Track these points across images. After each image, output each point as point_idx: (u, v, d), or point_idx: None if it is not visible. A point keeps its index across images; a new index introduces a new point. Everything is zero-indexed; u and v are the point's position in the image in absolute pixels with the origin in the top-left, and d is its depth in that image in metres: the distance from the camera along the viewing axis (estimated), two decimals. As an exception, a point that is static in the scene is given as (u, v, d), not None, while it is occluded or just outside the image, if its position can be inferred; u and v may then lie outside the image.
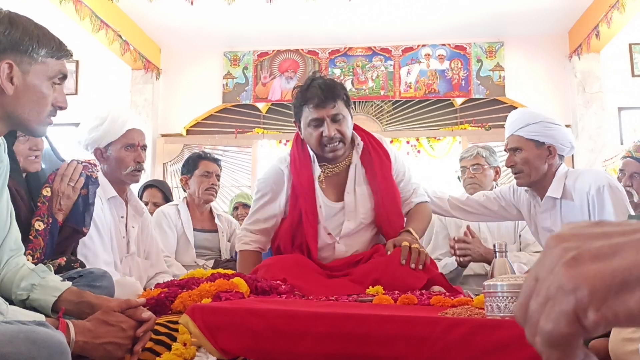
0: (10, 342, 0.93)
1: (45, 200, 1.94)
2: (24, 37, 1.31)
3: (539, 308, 0.40)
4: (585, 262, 0.38)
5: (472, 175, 2.94)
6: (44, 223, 1.88)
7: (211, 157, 3.35)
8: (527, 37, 5.97)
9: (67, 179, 2.01)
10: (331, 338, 1.23)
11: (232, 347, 1.29)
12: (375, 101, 6.13)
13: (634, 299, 0.36)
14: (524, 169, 2.29)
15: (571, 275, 0.38)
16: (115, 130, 2.31)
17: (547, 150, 2.28)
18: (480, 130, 5.96)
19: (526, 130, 2.29)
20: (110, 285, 1.80)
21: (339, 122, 2.19)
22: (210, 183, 3.22)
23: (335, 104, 2.19)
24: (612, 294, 0.37)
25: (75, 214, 2.01)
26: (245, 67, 6.30)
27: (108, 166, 2.34)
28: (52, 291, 1.42)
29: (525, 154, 2.29)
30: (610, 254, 0.38)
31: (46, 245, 1.86)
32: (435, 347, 1.17)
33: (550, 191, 2.28)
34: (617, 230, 0.40)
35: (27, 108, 1.34)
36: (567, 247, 0.40)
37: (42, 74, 1.35)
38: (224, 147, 6.22)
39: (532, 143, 2.29)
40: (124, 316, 1.30)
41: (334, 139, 2.19)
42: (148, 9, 5.27)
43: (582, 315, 0.38)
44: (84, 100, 6.18)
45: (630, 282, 0.36)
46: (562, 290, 0.38)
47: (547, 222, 2.32)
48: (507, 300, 1.20)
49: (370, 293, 1.81)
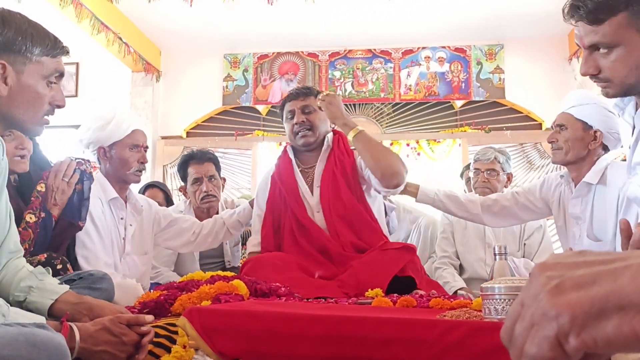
0: (10, 345, 0.93)
1: (39, 195, 1.96)
2: (17, 36, 1.29)
3: (523, 332, 0.42)
4: (567, 290, 0.41)
5: (485, 179, 2.92)
6: (35, 216, 1.91)
7: (199, 156, 3.02)
8: (527, 39, 5.98)
9: (62, 175, 2.03)
10: (328, 341, 1.23)
11: (230, 349, 1.30)
12: (375, 103, 6.14)
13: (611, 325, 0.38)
14: (564, 147, 2.26)
15: (554, 303, 0.41)
16: (121, 130, 2.34)
17: (593, 135, 2.24)
18: (480, 132, 5.96)
19: (578, 109, 2.26)
20: (110, 287, 1.81)
21: (308, 113, 2.53)
22: (204, 191, 2.94)
23: (305, 98, 2.56)
24: (591, 320, 0.39)
25: (71, 208, 2.03)
26: (246, 70, 6.31)
27: (111, 165, 2.35)
28: (49, 294, 1.41)
29: (569, 132, 2.26)
30: (590, 282, 0.40)
31: (36, 237, 1.88)
32: (432, 350, 1.18)
33: (587, 177, 2.24)
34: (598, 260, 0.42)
35: (22, 108, 1.32)
36: (551, 276, 0.42)
37: (37, 73, 1.33)
38: (224, 149, 6.23)
39: (580, 124, 2.25)
40: (128, 330, 1.26)
41: (303, 126, 2.51)
42: (148, 11, 5.27)
43: (563, 340, 0.40)
44: (84, 103, 6.19)
45: (607, 309, 0.39)
46: (545, 317, 0.41)
47: (577, 209, 2.28)
48: (505, 302, 1.20)
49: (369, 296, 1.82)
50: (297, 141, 2.54)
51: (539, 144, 5.88)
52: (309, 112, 2.53)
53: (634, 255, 0.41)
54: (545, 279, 0.42)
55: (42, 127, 1.40)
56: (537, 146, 5.90)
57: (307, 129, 2.51)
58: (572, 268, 0.42)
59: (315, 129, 2.52)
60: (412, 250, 2.30)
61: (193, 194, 2.98)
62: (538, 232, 2.93)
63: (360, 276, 2.04)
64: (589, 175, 2.23)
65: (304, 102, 2.54)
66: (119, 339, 1.24)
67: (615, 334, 0.38)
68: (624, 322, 0.38)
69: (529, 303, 0.43)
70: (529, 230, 2.93)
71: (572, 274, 0.42)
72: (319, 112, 2.53)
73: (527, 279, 0.50)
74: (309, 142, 2.52)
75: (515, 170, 5.74)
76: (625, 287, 0.38)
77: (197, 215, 3.01)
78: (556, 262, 0.44)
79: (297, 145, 2.57)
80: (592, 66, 1.46)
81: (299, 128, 2.51)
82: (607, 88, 1.48)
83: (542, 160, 5.83)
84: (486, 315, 1.24)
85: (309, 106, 2.53)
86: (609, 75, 1.45)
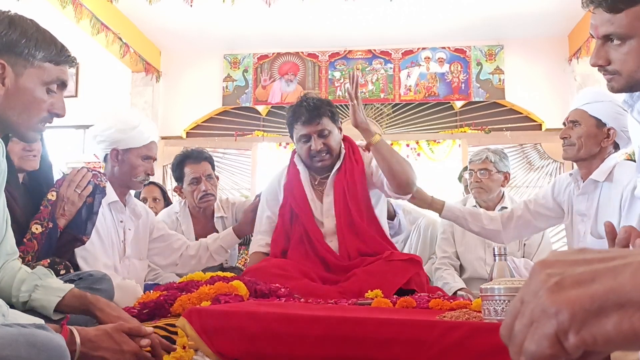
0: (10, 345, 0.93)
1: (48, 204, 1.92)
2: (21, 38, 1.29)
3: (523, 329, 0.42)
4: (566, 287, 0.41)
5: (478, 179, 2.92)
6: (42, 227, 1.86)
7: (195, 155, 3.00)
8: (526, 40, 5.98)
9: (75, 185, 2.00)
10: (328, 341, 1.23)
11: (229, 350, 1.30)
12: (375, 104, 6.14)
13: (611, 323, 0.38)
14: (576, 143, 2.24)
15: (553, 300, 0.41)
16: (142, 139, 2.35)
17: (607, 132, 2.22)
18: (480, 133, 5.96)
19: (593, 106, 2.24)
20: (110, 288, 1.80)
21: (325, 136, 2.45)
22: (202, 190, 2.91)
23: (320, 121, 2.44)
24: (591, 318, 0.39)
25: (78, 221, 1.99)
26: (245, 70, 6.31)
27: (119, 169, 2.35)
28: (56, 292, 1.42)
29: (583, 129, 2.23)
30: (590, 280, 0.40)
31: (41, 249, 1.84)
32: (432, 351, 1.18)
33: (594, 174, 2.23)
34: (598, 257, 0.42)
35: (16, 111, 1.31)
36: (551, 273, 0.42)
37: (37, 77, 1.33)
38: (224, 149, 6.23)
39: (594, 121, 2.23)
40: (129, 339, 1.25)
41: (321, 152, 2.45)
42: (148, 12, 5.27)
43: (563, 337, 0.40)
44: (84, 103, 6.19)
45: (607, 306, 0.39)
46: (545, 314, 0.41)
47: (582, 206, 2.28)
48: (504, 303, 1.20)
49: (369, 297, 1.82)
50: (314, 163, 2.50)
51: (538, 145, 5.89)
52: (325, 135, 2.45)
53: (634, 253, 0.41)
54: (545, 276, 0.42)
55: (36, 133, 1.38)
56: (537, 147, 5.91)
57: (325, 153, 2.46)
58: (572, 265, 0.42)
59: (332, 151, 2.47)
60: (417, 263, 2.30)
61: (191, 193, 2.95)
62: (538, 233, 2.93)
63: (363, 285, 2.04)
64: (596, 173, 2.23)
65: (320, 127, 2.44)
66: (119, 346, 1.23)
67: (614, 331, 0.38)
68: (624, 319, 0.38)
69: (528, 300, 0.43)
70: (529, 231, 2.94)
71: (572, 272, 0.42)
72: (334, 131, 2.47)
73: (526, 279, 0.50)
74: (327, 165, 2.50)
75: (515, 171, 5.74)
76: (625, 284, 0.39)
77: (193, 215, 3.01)
78: (556, 260, 0.44)
79: (310, 164, 2.53)
80: (602, 57, 1.44)
81: (318, 154, 2.46)
82: (612, 81, 1.46)
83: (542, 161, 5.83)
84: (486, 316, 1.24)
85: (324, 130, 2.45)
86: (617, 68, 1.43)
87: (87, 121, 6.26)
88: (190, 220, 3.02)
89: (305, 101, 2.48)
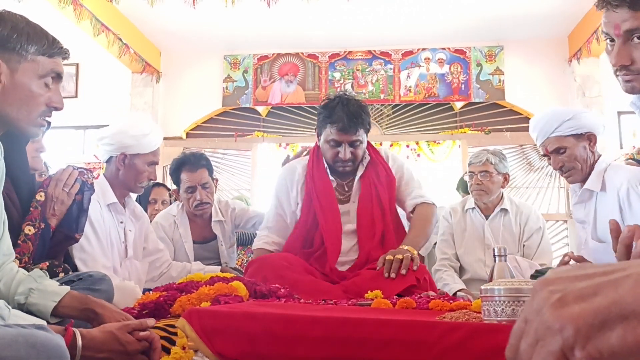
0: (10, 346, 0.93)
1: (38, 205, 1.91)
2: (12, 33, 1.29)
3: (528, 349, 0.42)
4: (569, 303, 0.40)
5: (479, 182, 2.93)
6: (34, 228, 1.84)
7: (192, 162, 2.94)
8: (526, 41, 5.98)
9: (62, 184, 2.00)
10: (328, 342, 1.23)
11: (229, 350, 1.29)
12: (375, 105, 6.14)
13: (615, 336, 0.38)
14: (574, 165, 2.24)
15: (557, 316, 0.40)
16: (151, 146, 2.38)
17: (587, 138, 2.24)
18: (480, 134, 5.96)
19: (560, 129, 2.25)
20: (109, 288, 1.80)
21: (356, 147, 2.40)
22: (197, 199, 2.89)
23: (357, 132, 2.38)
24: (595, 332, 0.39)
25: (69, 219, 1.99)
26: (245, 71, 6.31)
27: (124, 173, 2.35)
28: (52, 296, 1.41)
29: (570, 150, 2.24)
30: (592, 294, 0.40)
31: (35, 250, 1.83)
32: (432, 352, 1.18)
33: (588, 183, 2.23)
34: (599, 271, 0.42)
35: (15, 107, 1.31)
36: (553, 290, 0.42)
37: (32, 72, 1.32)
38: (224, 150, 6.23)
39: (572, 137, 2.24)
40: (134, 339, 1.24)
41: (348, 160, 2.41)
42: (148, 12, 5.27)
43: (569, 354, 0.39)
44: (84, 103, 6.20)
45: (610, 319, 0.38)
46: (549, 331, 0.40)
47: (580, 214, 2.28)
48: (504, 304, 1.20)
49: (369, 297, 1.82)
50: (336, 167, 2.46)
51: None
52: (357, 146, 2.41)
53: (634, 265, 0.41)
54: (548, 293, 0.42)
55: (37, 128, 1.38)
56: (536, 148, 5.89)
57: (350, 162, 2.43)
58: (574, 281, 0.42)
59: (357, 159, 2.46)
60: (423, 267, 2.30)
61: (187, 200, 2.95)
62: (537, 234, 2.93)
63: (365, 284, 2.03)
64: (590, 182, 2.24)
65: (355, 137, 2.38)
66: (124, 347, 1.22)
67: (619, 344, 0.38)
68: (628, 331, 0.38)
69: (532, 319, 0.42)
70: (528, 231, 2.94)
71: (573, 287, 0.41)
72: (364, 141, 2.44)
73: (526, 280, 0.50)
74: (348, 172, 2.48)
75: (515, 171, 5.74)
76: (626, 296, 0.38)
77: (191, 219, 3.02)
78: (557, 277, 0.44)
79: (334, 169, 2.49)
80: (625, 56, 1.38)
81: (343, 162, 2.42)
82: (635, 81, 1.40)
83: (541, 162, 5.83)
84: (486, 316, 1.24)
85: (357, 140, 2.40)
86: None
87: (87, 122, 6.28)
88: (187, 224, 3.02)
89: (346, 104, 2.38)
